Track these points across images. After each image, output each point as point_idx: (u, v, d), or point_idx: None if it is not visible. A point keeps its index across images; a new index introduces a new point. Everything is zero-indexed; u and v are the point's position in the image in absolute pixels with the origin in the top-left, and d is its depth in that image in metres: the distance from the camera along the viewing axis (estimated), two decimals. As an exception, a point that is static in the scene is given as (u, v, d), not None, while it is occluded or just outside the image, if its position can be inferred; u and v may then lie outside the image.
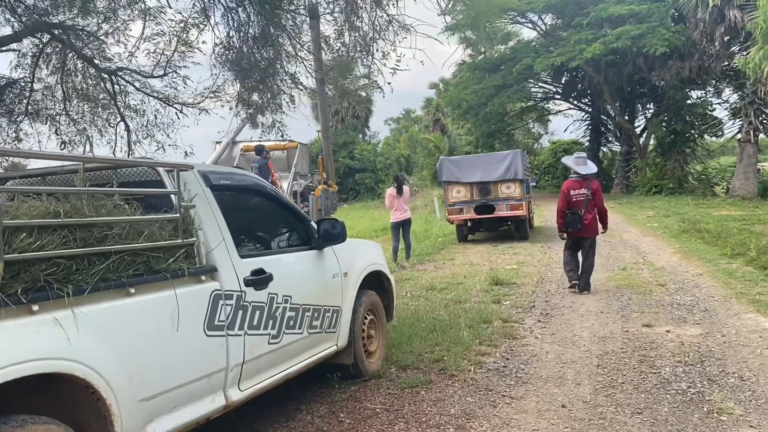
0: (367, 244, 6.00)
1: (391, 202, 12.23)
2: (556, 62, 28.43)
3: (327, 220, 4.91)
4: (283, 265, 4.28)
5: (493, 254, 12.86)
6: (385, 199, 12.70)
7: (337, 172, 49.59)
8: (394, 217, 12.31)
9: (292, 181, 15.94)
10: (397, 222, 12.26)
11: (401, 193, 12.24)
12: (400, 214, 12.18)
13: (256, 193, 4.37)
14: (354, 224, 31.40)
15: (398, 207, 12.17)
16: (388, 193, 12.38)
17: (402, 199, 12.27)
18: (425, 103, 60.08)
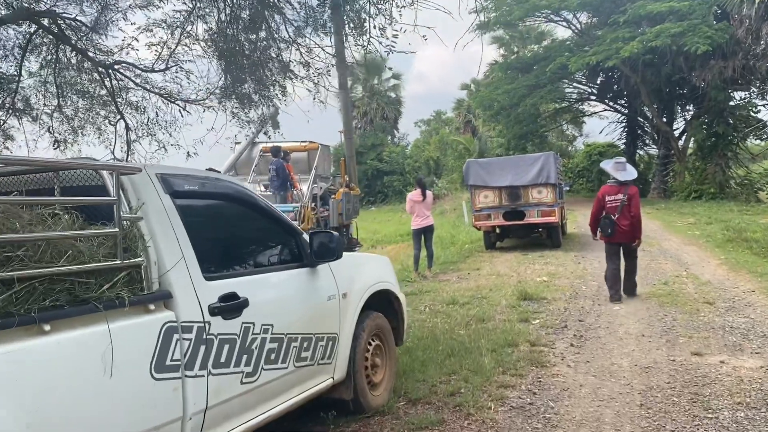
0: (373, 259, 5.31)
1: (413, 207, 11.48)
2: (591, 61, 27.33)
3: (322, 232, 4.21)
4: (264, 287, 3.58)
5: (523, 264, 12.04)
6: (406, 203, 11.90)
7: (365, 175, 49.08)
8: (415, 223, 11.55)
9: (312, 183, 15.28)
10: (419, 229, 11.50)
11: (425, 198, 11.54)
12: (422, 220, 11.42)
13: (235, 201, 3.66)
14: (380, 228, 30.70)
15: (420, 213, 11.41)
16: (410, 197, 11.61)
17: (424, 204, 11.51)
18: (456, 105, 59.17)
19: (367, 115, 54.67)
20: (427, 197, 11.47)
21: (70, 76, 7.73)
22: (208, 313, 3.07)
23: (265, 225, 3.91)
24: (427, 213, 11.53)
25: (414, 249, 11.72)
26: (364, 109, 54.68)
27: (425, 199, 11.44)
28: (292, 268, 3.91)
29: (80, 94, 7.91)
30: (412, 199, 11.53)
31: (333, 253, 4.05)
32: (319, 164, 16.62)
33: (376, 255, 5.79)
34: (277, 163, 14.75)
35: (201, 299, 3.05)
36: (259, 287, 3.50)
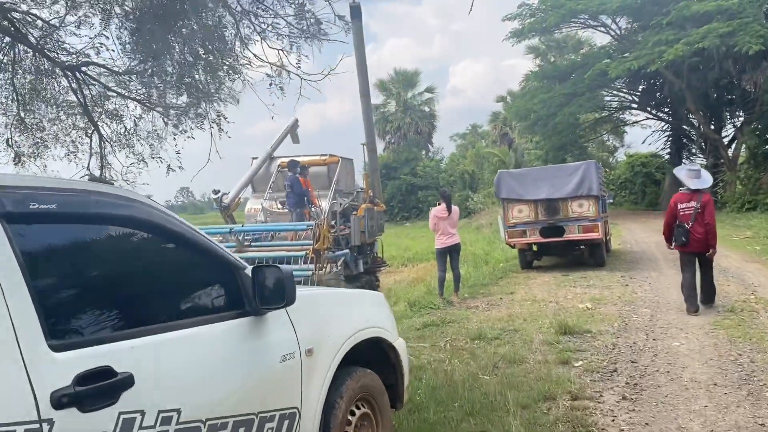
0: (358, 296, 4.11)
1: (437, 224, 10.28)
2: (633, 66, 25.78)
3: (269, 267, 3.00)
4: (166, 354, 2.40)
5: (562, 286, 10.67)
6: (429, 220, 10.67)
7: (399, 190, 48.07)
8: (439, 242, 10.34)
9: (331, 199, 14.19)
10: (444, 248, 10.30)
11: (450, 213, 10.30)
12: (447, 238, 10.21)
13: (128, 224, 2.49)
14: (412, 244, 29.47)
15: (444, 230, 10.21)
16: (434, 213, 10.41)
17: (450, 220, 10.27)
18: (492, 117, 58.05)
19: (401, 130, 53.79)
20: (452, 212, 10.26)
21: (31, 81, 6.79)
22: (49, 404, 1.92)
23: (181, 258, 2.75)
24: (452, 231, 10.30)
25: (438, 271, 10.52)
26: (397, 124, 53.84)
27: (450, 214, 10.23)
28: (225, 319, 2.74)
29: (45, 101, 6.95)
30: (437, 215, 10.30)
31: (279, 297, 2.86)
32: (341, 179, 15.55)
33: (365, 291, 4.61)
34: (292, 179, 13.73)
35: (36, 383, 1.91)
36: (155, 354, 2.33)
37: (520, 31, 31.53)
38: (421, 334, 7.56)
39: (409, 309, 9.49)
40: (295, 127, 16.14)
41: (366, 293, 4.20)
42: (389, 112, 54.47)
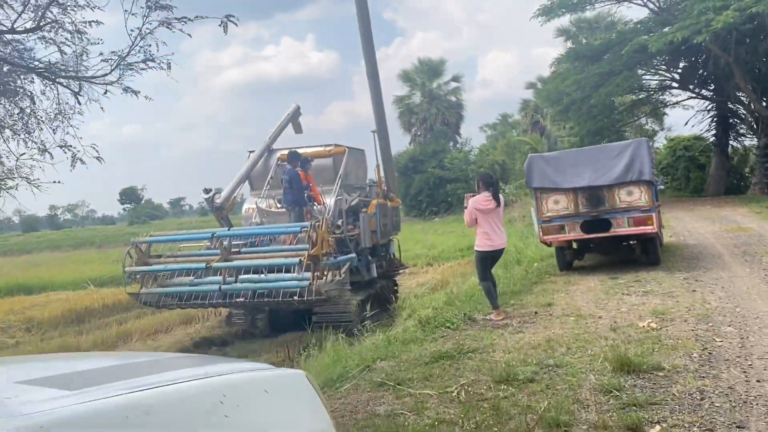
0: (242, 393, 2.21)
1: (480, 218, 7.71)
2: (676, 39, 23.30)
3: None
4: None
5: (612, 294, 8.62)
6: (466, 213, 7.92)
7: (427, 184, 46.02)
8: (485, 242, 7.78)
9: (336, 195, 12.34)
10: (491, 252, 7.87)
11: (499, 204, 7.83)
12: (497, 237, 7.79)
13: None
14: (439, 241, 27.45)
15: (493, 226, 7.77)
16: (474, 203, 7.75)
17: (497, 214, 7.85)
18: (522, 105, 55.64)
19: (427, 121, 51.73)
20: (501, 203, 7.85)
21: None
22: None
23: None
24: (501, 227, 7.93)
25: (481, 280, 8.10)
26: (423, 115, 51.81)
27: (499, 205, 7.84)
28: None
29: None
30: (479, 206, 7.68)
31: None
32: (350, 171, 13.69)
33: (266, 375, 2.69)
34: (290, 173, 11.91)
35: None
36: None
37: (549, 7, 29.24)
38: (429, 372, 5.64)
39: (419, 329, 7.57)
40: (297, 114, 14.32)
41: (266, 379, 2.30)
42: (414, 104, 52.46)
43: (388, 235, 13.58)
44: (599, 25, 44.35)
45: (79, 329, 14.39)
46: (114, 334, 13.22)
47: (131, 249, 10.65)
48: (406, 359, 6.19)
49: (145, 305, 11.17)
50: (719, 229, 15.87)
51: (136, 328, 13.62)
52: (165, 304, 10.85)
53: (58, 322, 14.87)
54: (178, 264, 10.39)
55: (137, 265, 10.54)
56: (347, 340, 9.17)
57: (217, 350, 11.56)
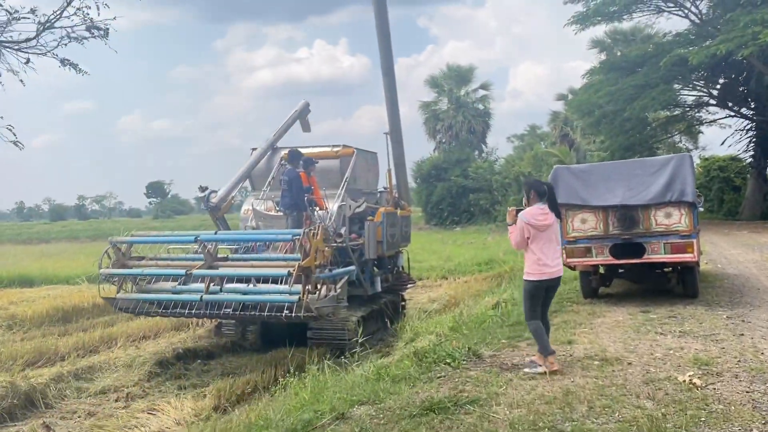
0: None
1: (524, 237, 6.06)
2: (719, 51, 21.90)
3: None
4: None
5: (644, 332, 7.40)
6: (514, 231, 6.18)
7: (449, 192, 44.82)
8: (537, 269, 6.02)
9: (340, 201, 11.28)
10: (545, 282, 6.09)
11: (559, 217, 6.35)
12: (552, 262, 6.10)
13: None
14: (457, 253, 26.13)
15: (549, 247, 6.07)
16: (525, 218, 6.06)
17: (553, 231, 6.20)
18: (552, 117, 54.35)
19: (452, 129, 50.53)
20: (552, 221, 6.16)
21: None
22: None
23: None
24: (558, 248, 6.34)
25: (528, 318, 6.25)
26: (449, 122, 50.62)
27: (557, 219, 6.29)
28: None
29: None
30: (532, 221, 6.00)
31: None
32: (358, 175, 12.63)
33: None
34: (290, 173, 10.86)
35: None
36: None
37: (585, 15, 27.96)
38: (413, 430, 4.50)
39: (414, 365, 6.44)
40: (306, 111, 13.27)
41: None
42: (440, 110, 51.35)
43: (396, 247, 12.46)
44: (635, 38, 42.83)
45: (65, 329, 13.48)
46: (97, 337, 12.26)
47: (110, 249, 9.69)
48: (390, 407, 5.06)
49: (121, 311, 10.21)
50: (761, 257, 14.49)
51: (122, 332, 12.66)
52: (143, 311, 9.87)
53: (43, 320, 13.97)
54: (157, 269, 9.39)
55: (114, 267, 9.57)
56: (335, 365, 8.11)
57: (201, 364, 10.53)
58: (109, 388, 9.39)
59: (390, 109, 12.22)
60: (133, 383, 9.56)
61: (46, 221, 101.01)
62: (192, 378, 9.87)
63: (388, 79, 11.96)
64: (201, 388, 9.27)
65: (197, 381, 9.72)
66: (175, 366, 10.27)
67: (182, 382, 9.63)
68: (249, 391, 9.12)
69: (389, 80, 11.95)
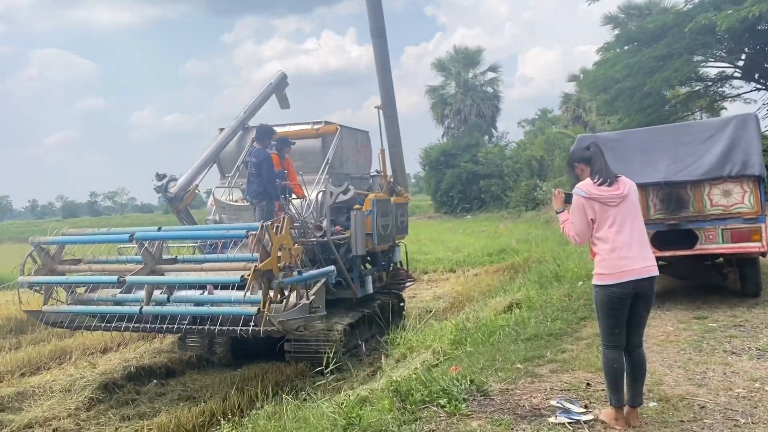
0: None
1: (587, 219, 4.09)
2: (752, 14, 19.73)
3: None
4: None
5: (709, 350, 5.50)
6: (566, 217, 4.29)
7: (459, 179, 42.94)
8: (615, 264, 3.96)
9: (320, 186, 9.47)
10: (627, 285, 3.94)
11: (624, 190, 4.13)
12: (639, 254, 4.01)
13: None
14: (466, 242, 24.23)
15: (627, 227, 4.03)
16: (586, 191, 4.09)
17: (632, 207, 4.13)
18: (563, 99, 52.04)
19: (461, 113, 48.46)
20: (628, 188, 4.15)
21: None
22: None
23: None
24: (643, 233, 4.17)
25: (605, 342, 4.10)
26: (457, 107, 48.54)
27: (626, 193, 4.13)
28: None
29: None
30: (597, 192, 4.07)
31: None
32: (345, 157, 10.80)
33: None
34: (258, 154, 9.05)
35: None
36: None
37: (598, -17, 25.79)
38: None
39: (397, 404, 4.62)
40: (283, 84, 11.41)
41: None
42: (448, 94, 49.27)
43: (390, 239, 10.62)
44: (650, 12, 40.51)
45: (17, 341, 11.79)
46: (46, 352, 10.54)
47: (34, 251, 7.92)
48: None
49: (52, 326, 8.46)
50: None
51: (78, 345, 10.94)
52: (81, 325, 8.14)
53: (-5, 330, 12.30)
54: (91, 275, 7.62)
55: (39, 273, 7.80)
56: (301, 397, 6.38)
57: (157, 385, 8.79)
58: (36, 421, 7.67)
59: (381, 76, 10.41)
60: (68, 414, 7.82)
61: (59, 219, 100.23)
62: (141, 405, 8.12)
63: (379, 41, 10.10)
64: (149, 419, 7.56)
65: (147, 408, 7.98)
66: (124, 389, 8.54)
67: (128, 411, 7.90)
68: (204, 423, 7.39)
69: (380, 43, 10.09)
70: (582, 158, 4.36)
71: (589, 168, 4.27)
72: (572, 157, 4.53)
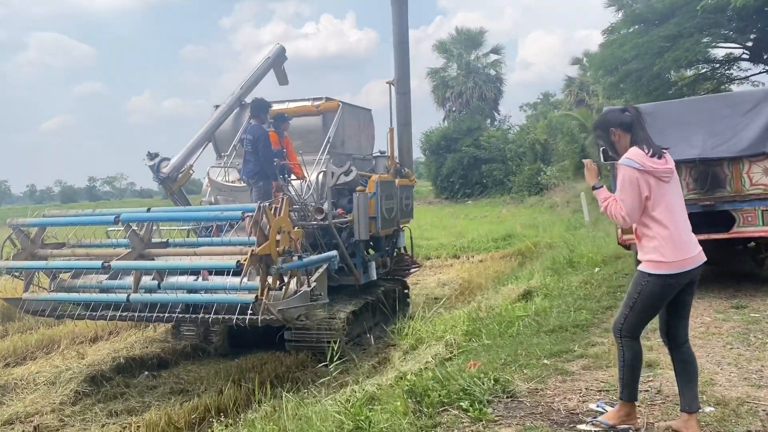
0: None
1: (641, 197, 3.38)
2: (769, -10, 19.09)
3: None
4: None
5: (759, 345, 4.91)
6: (607, 195, 3.57)
7: (461, 164, 42.24)
8: (678, 251, 3.36)
9: (321, 167, 8.88)
10: (690, 272, 3.41)
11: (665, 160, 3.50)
12: (693, 239, 3.48)
13: None
14: (469, 227, 23.60)
15: (680, 209, 3.47)
16: (640, 162, 3.37)
17: (675, 182, 3.50)
18: (566, 82, 51.24)
19: (463, 96, 47.64)
20: (672, 163, 3.54)
21: None
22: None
23: None
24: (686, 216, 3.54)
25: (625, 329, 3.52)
26: (458, 89, 47.71)
27: (674, 170, 3.52)
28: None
29: None
30: (652, 165, 3.40)
31: None
32: (348, 136, 10.20)
33: None
34: (255, 131, 8.43)
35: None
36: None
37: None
38: None
39: (413, 407, 4.07)
40: (281, 58, 10.76)
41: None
42: (450, 77, 48.38)
43: (395, 224, 10.03)
44: (656, -4, 39.67)
45: (4, 329, 11.25)
46: (33, 341, 9.99)
47: (13, 234, 7.33)
48: None
49: (33, 315, 7.89)
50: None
51: (67, 333, 10.39)
52: (64, 314, 7.56)
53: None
54: (66, 261, 7.03)
55: (18, 259, 7.22)
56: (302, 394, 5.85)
57: (148, 377, 8.23)
58: (17, 416, 7.13)
59: (398, 48, 9.75)
60: (51, 409, 7.27)
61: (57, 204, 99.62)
62: (131, 399, 7.56)
63: (399, 7, 9.41)
64: (138, 415, 7.02)
65: (136, 403, 7.41)
66: (113, 382, 7.98)
67: (116, 406, 7.35)
68: (197, 420, 6.85)
69: (400, 9, 9.41)
70: (621, 122, 3.63)
71: (629, 135, 3.59)
72: (607, 121, 3.74)
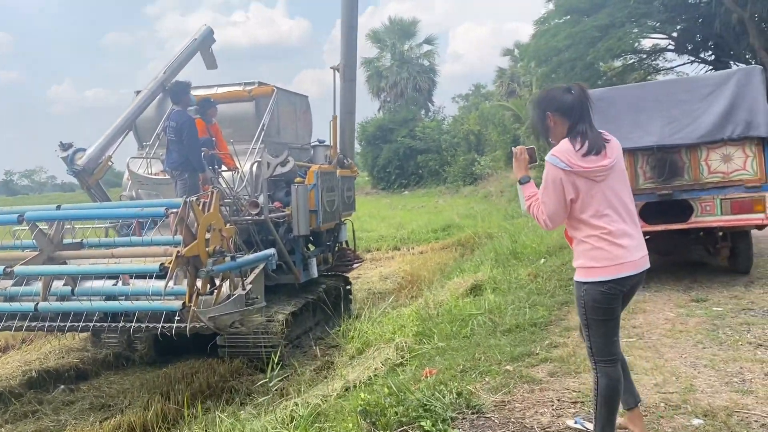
0: None
1: (559, 198, 2.93)
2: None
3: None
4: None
5: (730, 344, 4.62)
6: (532, 192, 3.06)
7: (396, 154, 41.92)
8: (611, 253, 2.89)
9: (254, 156, 8.22)
10: (629, 278, 2.92)
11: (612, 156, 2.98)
12: (632, 241, 2.95)
13: None
14: (408, 218, 23.25)
15: (616, 206, 2.95)
16: (564, 159, 2.89)
17: (620, 179, 3.01)
18: (498, 74, 51.63)
19: (397, 86, 47.33)
20: (617, 157, 2.99)
21: None
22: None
23: None
24: (634, 215, 3.05)
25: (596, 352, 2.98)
26: (393, 79, 47.35)
27: (612, 158, 2.96)
28: None
29: None
30: (579, 162, 2.89)
31: None
32: (284, 124, 9.54)
33: None
34: (179, 117, 7.69)
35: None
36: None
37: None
38: None
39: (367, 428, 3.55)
40: (209, 41, 9.98)
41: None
42: (384, 67, 47.99)
43: (336, 217, 9.47)
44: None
45: None
46: (-64, 354, 8.99)
47: None
48: None
49: (-74, 328, 6.96)
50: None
51: (-24, 343, 9.43)
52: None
53: None
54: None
55: None
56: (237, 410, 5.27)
57: (64, 392, 7.43)
58: None
59: (346, 33, 9.19)
60: (-51, 433, 6.45)
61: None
62: (44, 417, 6.79)
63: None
64: (50, 437, 6.28)
65: (50, 422, 6.66)
66: (23, 399, 7.17)
67: (26, 426, 6.57)
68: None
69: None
70: (560, 105, 2.99)
71: (567, 122, 2.97)
72: (544, 102, 3.09)
